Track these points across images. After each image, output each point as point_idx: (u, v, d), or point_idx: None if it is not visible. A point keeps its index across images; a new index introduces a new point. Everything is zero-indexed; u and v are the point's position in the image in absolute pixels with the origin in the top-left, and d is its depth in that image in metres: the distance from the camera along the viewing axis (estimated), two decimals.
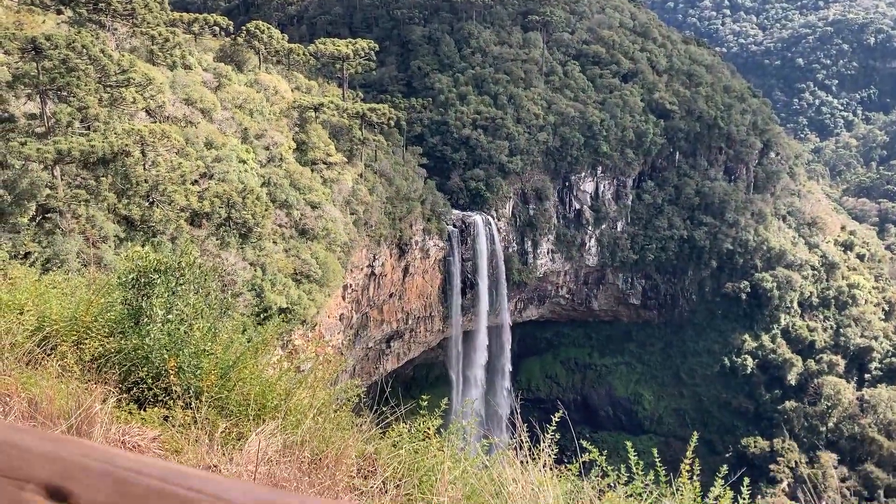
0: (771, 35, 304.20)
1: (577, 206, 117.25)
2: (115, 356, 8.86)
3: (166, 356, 8.79)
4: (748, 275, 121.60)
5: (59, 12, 68.49)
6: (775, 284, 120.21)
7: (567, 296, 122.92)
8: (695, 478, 7.55)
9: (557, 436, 7.88)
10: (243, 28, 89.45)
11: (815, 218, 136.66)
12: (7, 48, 51.27)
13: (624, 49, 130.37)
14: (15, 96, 53.06)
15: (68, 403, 5.75)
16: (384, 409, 8.61)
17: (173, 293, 10.15)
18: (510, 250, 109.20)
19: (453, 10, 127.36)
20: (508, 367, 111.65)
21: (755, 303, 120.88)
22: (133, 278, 10.14)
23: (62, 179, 52.05)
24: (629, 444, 8.87)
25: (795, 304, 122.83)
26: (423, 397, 8.34)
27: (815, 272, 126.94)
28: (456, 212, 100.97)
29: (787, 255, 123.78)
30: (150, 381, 8.54)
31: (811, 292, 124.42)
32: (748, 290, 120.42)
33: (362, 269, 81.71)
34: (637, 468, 7.77)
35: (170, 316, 9.77)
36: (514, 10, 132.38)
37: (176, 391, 8.32)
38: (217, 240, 59.34)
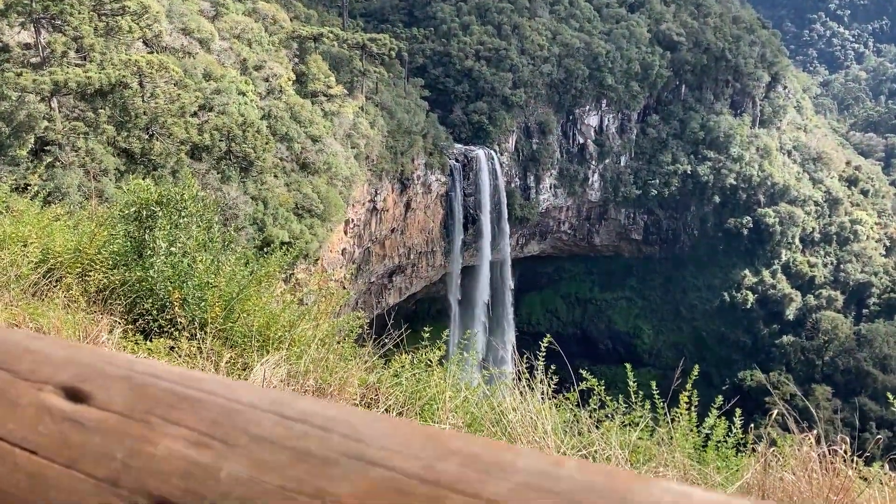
0: None
1: (581, 141, 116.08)
2: (119, 288, 8.95)
3: (170, 288, 8.88)
4: (751, 210, 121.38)
5: None
6: (777, 220, 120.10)
7: (569, 231, 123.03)
8: (692, 409, 7.72)
9: (553, 367, 8.03)
10: None
11: (820, 153, 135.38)
12: None
13: None
14: (8, 25, 52.00)
15: (75, 333, 5.84)
16: (386, 340, 8.73)
17: (176, 226, 10.18)
18: (512, 185, 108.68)
19: None
20: (510, 301, 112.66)
21: (756, 238, 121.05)
22: (135, 211, 10.15)
23: (60, 111, 51.48)
24: (628, 365, 9.04)
25: (797, 240, 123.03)
26: (425, 329, 8.45)
27: (818, 207, 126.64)
28: (458, 146, 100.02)
29: (790, 190, 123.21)
30: (154, 312, 8.65)
31: (813, 228, 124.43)
32: (750, 225, 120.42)
33: (364, 203, 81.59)
34: (636, 398, 7.94)
35: (173, 248, 9.82)
36: None
37: (181, 322, 8.44)
38: (218, 173, 59.10)
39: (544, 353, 8.24)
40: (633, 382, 7.67)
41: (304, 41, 78.35)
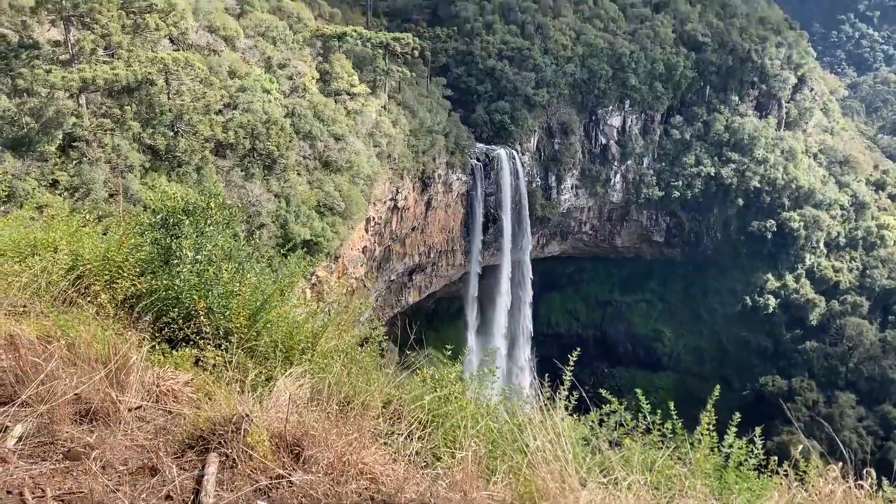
0: None
1: (604, 141, 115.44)
2: (146, 296, 9.06)
3: (196, 297, 8.97)
4: (775, 213, 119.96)
5: None
6: (802, 224, 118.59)
7: (590, 232, 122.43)
8: (711, 429, 7.68)
9: (571, 370, 8.02)
10: None
11: (847, 156, 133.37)
12: None
13: None
14: (38, 22, 52.74)
15: (105, 349, 5.95)
16: (408, 352, 8.79)
17: (202, 234, 10.29)
18: (534, 185, 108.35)
19: None
20: (529, 302, 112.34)
21: (780, 242, 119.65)
22: (162, 218, 10.29)
23: (87, 108, 52.14)
24: (639, 391, 9.00)
25: (821, 245, 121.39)
26: (447, 347, 8.48)
27: (844, 212, 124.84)
28: (480, 145, 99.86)
29: (815, 193, 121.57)
30: (180, 321, 8.74)
31: (839, 232, 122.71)
32: (774, 229, 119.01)
33: (385, 202, 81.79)
34: (652, 418, 7.91)
35: (198, 257, 9.93)
36: None
37: (206, 332, 8.53)
38: (242, 171, 59.54)
39: (571, 367, 8.26)
40: (648, 404, 7.64)
41: (328, 39, 78.69)
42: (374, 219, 79.48)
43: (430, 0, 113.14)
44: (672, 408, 7.74)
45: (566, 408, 7.41)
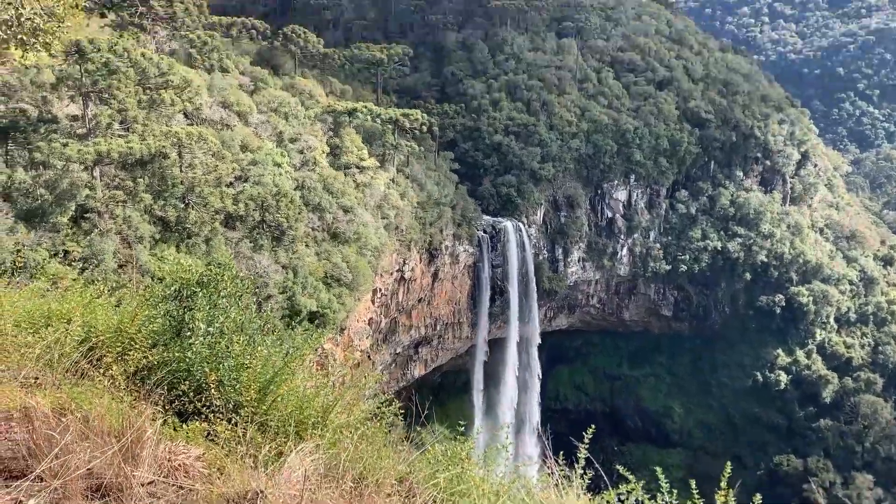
0: (811, 43, 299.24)
1: (610, 215, 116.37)
2: (157, 368, 9.03)
3: (207, 370, 8.94)
4: (783, 288, 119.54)
5: (102, 15, 70.16)
6: (811, 299, 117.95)
7: (598, 305, 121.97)
8: None
9: (586, 445, 7.87)
10: (280, 31, 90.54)
11: (853, 231, 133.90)
12: (52, 51, 52.52)
13: (659, 56, 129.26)
14: (58, 98, 54.37)
15: (120, 422, 5.91)
16: (418, 428, 8.67)
17: (215, 306, 10.33)
18: (541, 258, 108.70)
19: (487, 16, 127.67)
20: (538, 376, 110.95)
21: (790, 317, 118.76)
22: (176, 290, 10.35)
23: (101, 180, 53.09)
24: (659, 470, 8.80)
25: (832, 320, 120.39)
26: (460, 423, 8.37)
27: (853, 287, 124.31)
28: (487, 218, 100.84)
29: (823, 268, 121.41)
30: (191, 394, 8.68)
31: (848, 307, 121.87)
32: (783, 303, 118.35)
33: (392, 273, 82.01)
34: (671, 498, 7.73)
35: (210, 329, 9.94)
36: (549, 16, 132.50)
37: (216, 405, 8.46)
38: (251, 242, 60.02)
39: (587, 444, 8.13)
40: (667, 483, 7.49)
41: (338, 115, 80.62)
42: (380, 290, 79.53)
43: (438, 78, 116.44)
44: (694, 486, 7.58)
45: (579, 489, 7.26)
